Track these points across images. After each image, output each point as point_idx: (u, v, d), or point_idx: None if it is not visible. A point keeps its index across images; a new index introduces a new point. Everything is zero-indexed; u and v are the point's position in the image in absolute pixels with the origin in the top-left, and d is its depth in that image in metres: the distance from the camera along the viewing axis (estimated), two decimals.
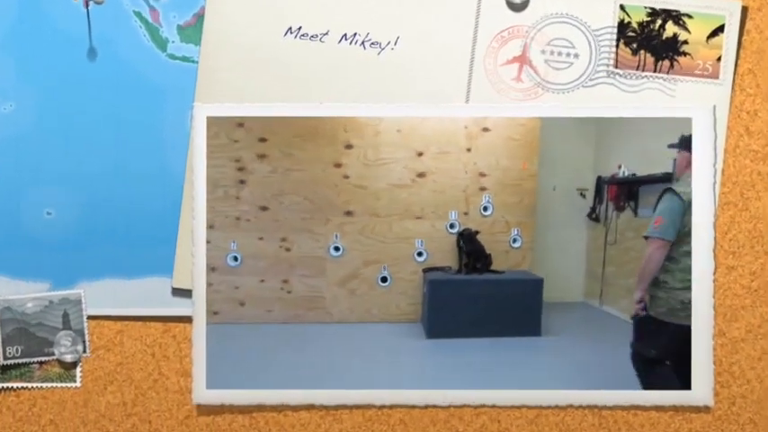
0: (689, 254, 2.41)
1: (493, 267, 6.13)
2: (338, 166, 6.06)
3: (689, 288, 2.40)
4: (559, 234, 7.20)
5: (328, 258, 6.12)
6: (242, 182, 5.90)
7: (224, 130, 5.93)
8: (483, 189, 6.40)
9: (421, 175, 6.20)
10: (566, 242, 7.20)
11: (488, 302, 5.56)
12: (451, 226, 6.31)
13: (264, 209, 5.99)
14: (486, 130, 6.47)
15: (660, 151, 5.42)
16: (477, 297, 5.58)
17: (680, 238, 2.65)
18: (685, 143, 2.42)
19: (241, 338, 5.10)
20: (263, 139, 6.01)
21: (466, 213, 6.36)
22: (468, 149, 6.39)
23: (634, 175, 6.03)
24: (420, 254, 6.21)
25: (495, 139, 6.51)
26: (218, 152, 5.73)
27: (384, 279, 6.10)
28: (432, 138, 6.28)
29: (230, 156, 5.95)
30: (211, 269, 6.88)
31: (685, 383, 2.14)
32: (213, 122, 2.03)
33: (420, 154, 6.24)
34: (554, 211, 7.11)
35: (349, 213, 6.14)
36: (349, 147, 6.13)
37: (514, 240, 6.43)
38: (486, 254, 6.21)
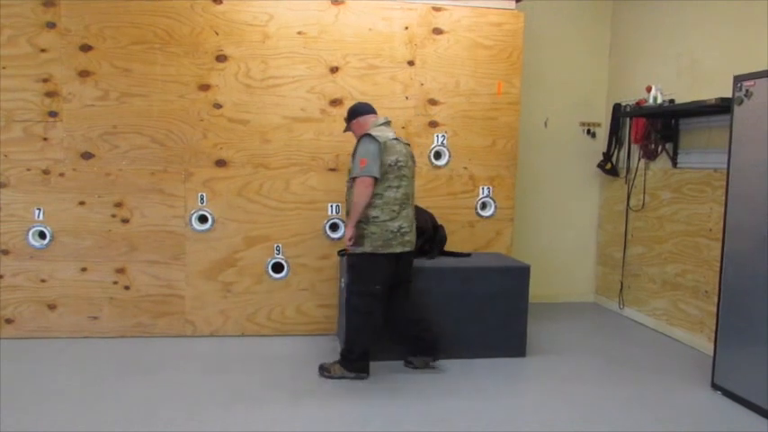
0: (390, 188, 4.06)
1: (449, 248, 4.87)
2: (205, 88, 4.80)
3: (395, 218, 4.07)
4: (555, 196, 6.37)
5: (189, 234, 4.90)
6: (53, 114, 4.76)
7: (25, 31, 4.61)
8: (434, 125, 5.20)
9: (336, 102, 4.99)
10: (565, 208, 6.39)
11: (444, 304, 4.50)
12: None
13: (88, 156, 4.80)
14: (438, 31, 5.19)
15: (714, 66, 4.48)
16: (426, 295, 4.42)
17: (381, 175, 4.02)
18: (351, 114, 4.30)
19: (46, 367, 4.14)
20: (86, 47, 4.73)
21: None
22: (411, 62, 5.14)
23: (672, 101, 5.05)
24: (334, 226, 5.07)
25: (454, 45, 5.22)
26: (15, 67, 4.63)
27: (278, 267, 5.01)
28: (352, 43, 5.04)
29: (35, 73, 4.68)
30: (2, 251, 5.44)
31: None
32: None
33: (334, 69, 5.05)
34: (546, 160, 6.19)
35: (222, 163, 4.87)
36: (222, 58, 4.87)
37: (484, 205, 5.29)
38: (436, 225, 4.87)
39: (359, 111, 4.29)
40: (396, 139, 4.14)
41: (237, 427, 3.38)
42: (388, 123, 4.26)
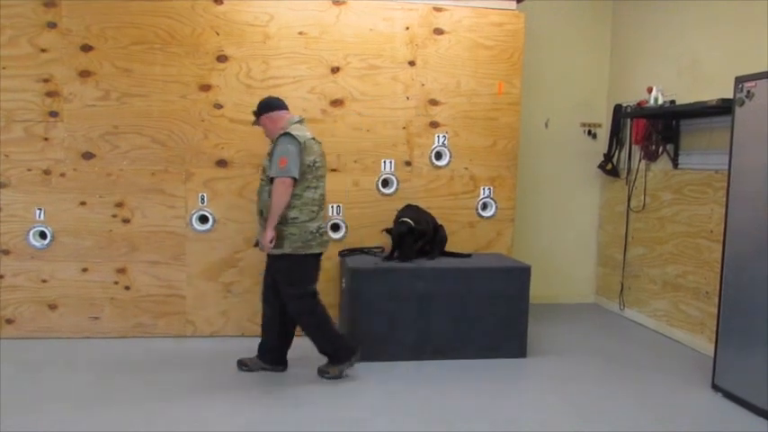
0: (309, 188, 4.02)
1: (450, 249, 4.85)
2: (206, 89, 4.79)
3: (314, 219, 4.05)
4: (556, 196, 6.35)
5: (190, 234, 4.88)
6: (54, 114, 4.74)
7: (25, 32, 4.60)
8: (435, 125, 5.19)
9: (337, 102, 4.98)
10: (566, 209, 6.37)
11: (444, 305, 4.49)
12: (385, 183, 5.11)
13: (89, 156, 4.78)
14: (439, 32, 5.17)
15: (715, 67, 4.42)
16: (427, 296, 4.45)
17: (300, 175, 3.96)
18: (264, 107, 4.14)
19: (46, 367, 4.09)
20: (87, 47, 4.71)
21: (408, 163, 5.11)
22: (412, 62, 5.13)
23: (673, 102, 5.04)
24: (336, 227, 5.07)
25: (455, 46, 5.21)
26: (16, 67, 4.62)
27: None
28: (353, 43, 5.03)
29: (35, 73, 4.67)
30: (3, 252, 4.58)
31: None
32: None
33: (335, 69, 5.04)
34: (546, 160, 6.17)
35: (222, 164, 4.85)
36: (222, 59, 4.86)
37: (485, 206, 5.28)
38: (436, 226, 4.85)
39: (272, 105, 4.16)
40: (312, 138, 4.09)
41: (239, 427, 3.39)
42: (302, 121, 4.18)
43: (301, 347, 4.68)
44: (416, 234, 4.59)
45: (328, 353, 4.14)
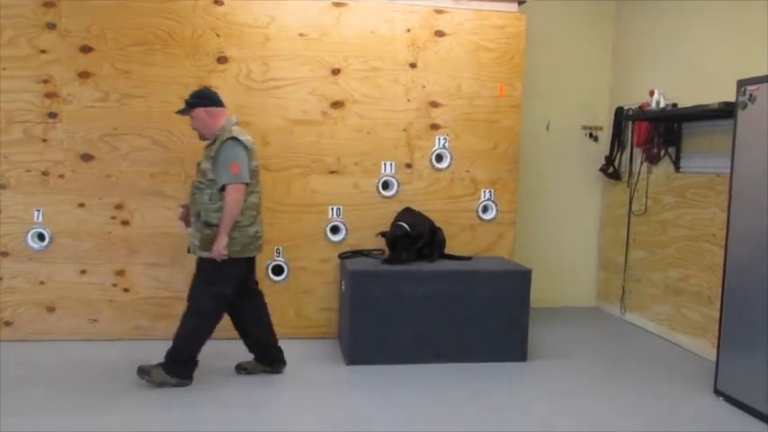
0: (252, 193, 4.00)
1: (450, 251, 4.87)
2: None
3: (254, 223, 4.03)
4: (557, 199, 6.32)
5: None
6: (53, 115, 4.72)
7: (25, 32, 4.58)
8: (435, 127, 5.17)
9: (337, 104, 4.96)
10: (567, 212, 6.35)
11: (445, 308, 4.49)
12: (385, 185, 5.09)
13: (88, 158, 4.77)
14: (440, 34, 5.16)
15: (718, 70, 4.40)
16: (427, 299, 4.44)
17: None
18: (203, 98, 3.98)
19: (45, 370, 4.42)
20: (86, 49, 4.70)
21: (408, 165, 5.09)
22: (413, 65, 5.11)
23: (675, 105, 4.99)
24: (336, 229, 5.04)
25: (456, 48, 5.19)
26: (15, 68, 4.61)
27: (278, 269, 4.96)
28: (354, 45, 5.01)
29: (35, 74, 4.65)
30: (1, 253, 4.83)
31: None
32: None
33: (336, 71, 5.02)
34: (548, 163, 6.16)
35: None
36: (223, 60, 4.84)
37: (485, 209, 5.25)
38: (434, 228, 4.85)
39: (212, 99, 4.02)
40: (253, 142, 4.07)
41: (237, 427, 3.39)
42: (238, 123, 4.09)
43: (297, 349, 4.69)
44: (412, 238, 4.59)
45: (178, 359, 3.96)
